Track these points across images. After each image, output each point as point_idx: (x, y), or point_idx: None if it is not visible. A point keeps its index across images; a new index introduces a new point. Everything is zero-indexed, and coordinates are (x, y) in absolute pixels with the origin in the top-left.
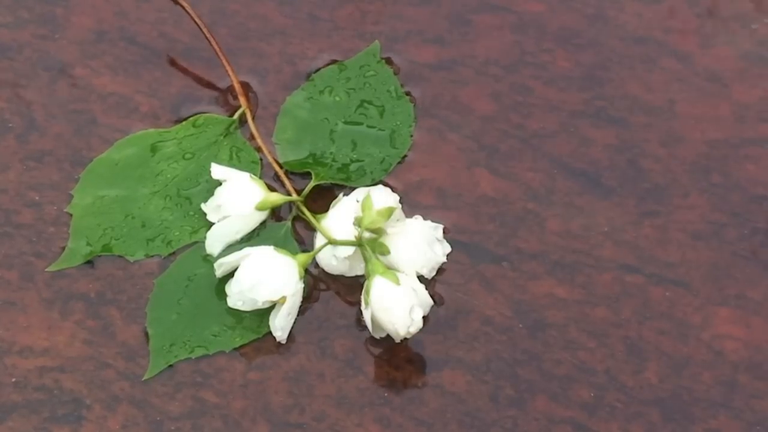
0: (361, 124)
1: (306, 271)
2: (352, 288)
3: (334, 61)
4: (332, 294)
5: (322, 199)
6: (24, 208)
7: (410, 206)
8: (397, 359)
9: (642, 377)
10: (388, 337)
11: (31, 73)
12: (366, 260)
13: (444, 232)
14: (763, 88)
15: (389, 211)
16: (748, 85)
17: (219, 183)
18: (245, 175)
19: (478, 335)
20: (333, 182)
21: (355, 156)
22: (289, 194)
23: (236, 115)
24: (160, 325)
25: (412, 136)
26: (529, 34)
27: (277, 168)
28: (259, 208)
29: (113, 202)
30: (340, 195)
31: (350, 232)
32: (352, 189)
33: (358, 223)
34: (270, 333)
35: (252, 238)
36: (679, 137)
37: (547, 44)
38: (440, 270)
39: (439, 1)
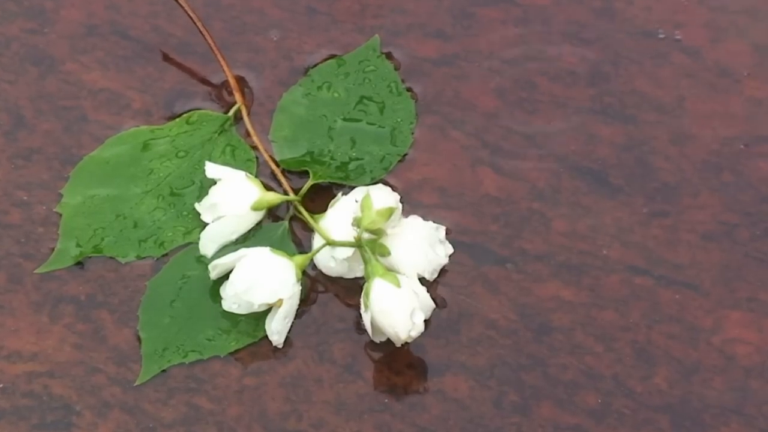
0: (361, 121)
1: (303, 272)
2: (351, 290)
3: (332, 56)
4: (331, 297)
5: (320, 198)
6: (12, 208)
7: (411, 206)
8: (398, 364)
9: (651, 383)
10: (389, 341)
11: (20, 69)
12: (365, 262)
13: (446, 233)
14: None
15: (389, 211)
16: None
17: (213, 182)
18: (240, 174)
19: (482, 339)
20: (331, 181)
21: (354, 154)
22: (286, 193)
23: (231, 112)
24: (152, 328)
25: (413, 133)
26: (535, 28)
27: (274, 166)
28: (255, 208)
29: (104, 202)
30: (339, 194)
31: (349, 233)
32: (351, 188)
33: (357, 223)
34: (266, 337)
35: (248, 238)
36: (689, 135)
37: (553, 38)
38: (442, 272)
39: None
